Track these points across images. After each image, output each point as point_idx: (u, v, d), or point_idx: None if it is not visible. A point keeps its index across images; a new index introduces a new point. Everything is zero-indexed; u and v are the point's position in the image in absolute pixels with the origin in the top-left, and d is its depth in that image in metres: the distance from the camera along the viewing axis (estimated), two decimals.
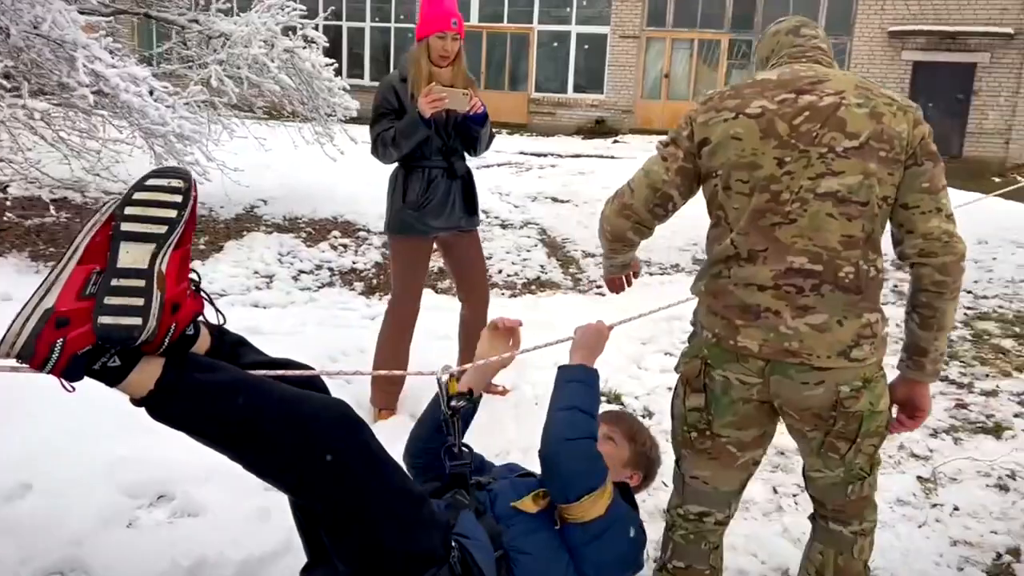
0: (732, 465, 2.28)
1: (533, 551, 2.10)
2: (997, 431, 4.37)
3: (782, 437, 2.50)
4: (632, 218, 2.29)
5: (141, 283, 1.62)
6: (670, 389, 4.60)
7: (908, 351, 2.18)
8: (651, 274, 7.55)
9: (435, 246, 4.18)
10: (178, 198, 1.69)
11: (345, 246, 7.85)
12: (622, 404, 4.48)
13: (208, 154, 7.33)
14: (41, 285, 1.62)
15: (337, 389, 2.56)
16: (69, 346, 1.58)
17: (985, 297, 7.15)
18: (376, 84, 4.06)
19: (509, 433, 3.91)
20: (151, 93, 6.04)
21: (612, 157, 17.25)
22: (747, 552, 3.15)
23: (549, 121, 21.85)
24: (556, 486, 2.15)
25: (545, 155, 16.44)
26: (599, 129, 21.36)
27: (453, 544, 1.96)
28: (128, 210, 1.67)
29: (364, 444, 1.84)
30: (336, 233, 8.17)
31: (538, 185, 12.37)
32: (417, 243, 4.01)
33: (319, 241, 7.94)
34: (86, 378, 1.67)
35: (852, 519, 2.28)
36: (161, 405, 1.69)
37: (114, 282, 1.62)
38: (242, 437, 1.74)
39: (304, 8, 8.54)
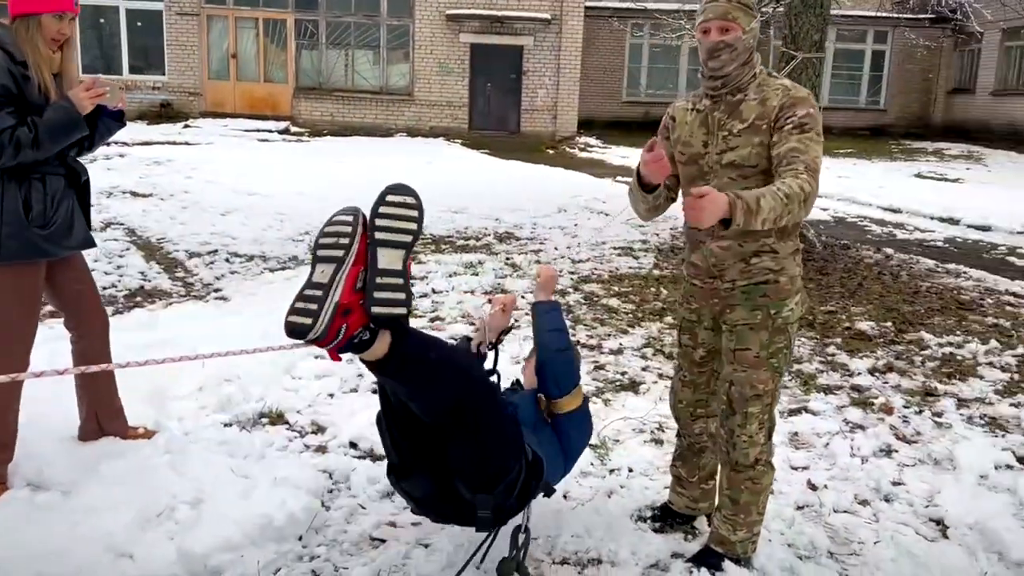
0: None
1: (545, 441, 2.80)
2: (634, 387, 4.75)
3: None
4: None
5: (400, 281, 2.19)
6: (333, 396, 4.39)
7: None
8: (271, 271, 7.03)
9: None
10: (414, 212, 2.25)
11: None
12: (286, 423, 4.05)
13: None
14: (329, 284, 2.12)
15: None
16: (350, 329, 2.14)
17: (581, 261, 7.81)
18: None
19: None
20: None
21: (187, 143, 16.03)
22: None
23: None
24: (551, 383, 2.88)
25: (108, 144, 14.66)
26: (166, 113, 19.68)
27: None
28: (379, 222, 2.21)
29: (487, 376, 2.69)
30: None
31: (109, 178, 10.99)
32: (35, 271, 3.20)
33: None
34: None
35: None
36: (390, 364, 2.26)
37: (379, 280, 2.16)
38: (433, 380, 2.31)
39: None
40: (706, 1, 2.73)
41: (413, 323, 5.54)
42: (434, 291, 6.44)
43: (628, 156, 18.27)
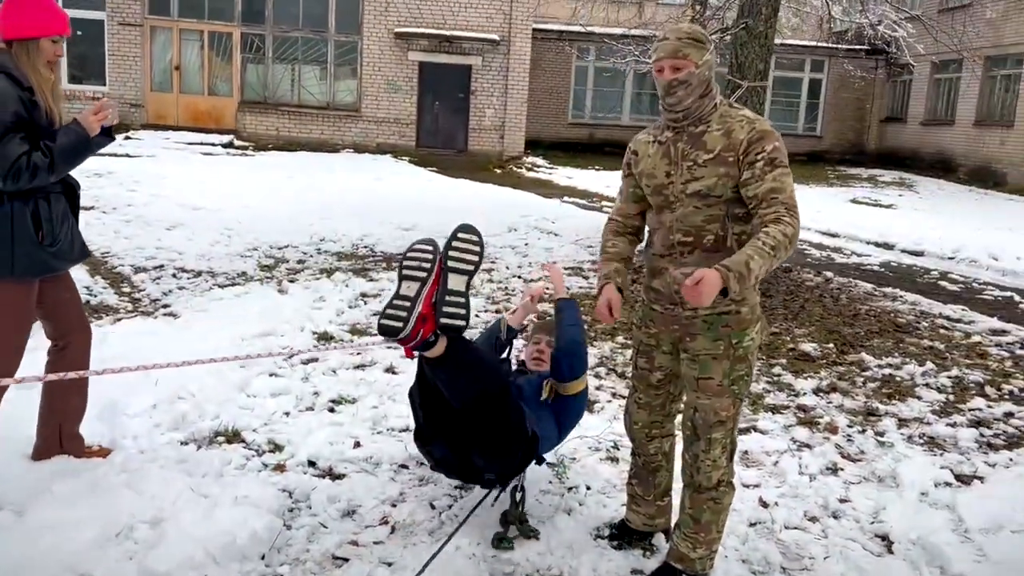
0: None
1: (543, 419, 3.31)
2: (589, 406, 4.80)
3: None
4: None
5: (463, 300, 2.84)
6: (288, 415, 4.37)
7: None
8: (220, 287, 6.94)
9: None
10: (478, 248, 2.93)
11: None
12: (243, 441, 4.01)
13: None
14: (415, 298, 2.77)
15: None
16: (424, 333, 2.77)
17: (532, 280, 7.88)
18: None
19: None
20: None
21: (128, 155, 15.72)
22: None
23: None
24: (568, 367, 3.38)
25: None
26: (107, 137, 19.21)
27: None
28: (451, 254, 2.88)
29: (505, 374, 3.37)
30: None
31: None
32: (34, 287, 3.27)
33: None
34: None
35: None
36: (445, 361, 2.86)
37: (448, 298, 2.81)
38: (470, 373, 2.93)
39: None
40: (658, 39, 2.80)
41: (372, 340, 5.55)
42: None
43: (573, 177, 18.51)
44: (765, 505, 3.73)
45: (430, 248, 2.88)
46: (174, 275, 7.29)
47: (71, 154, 3.13)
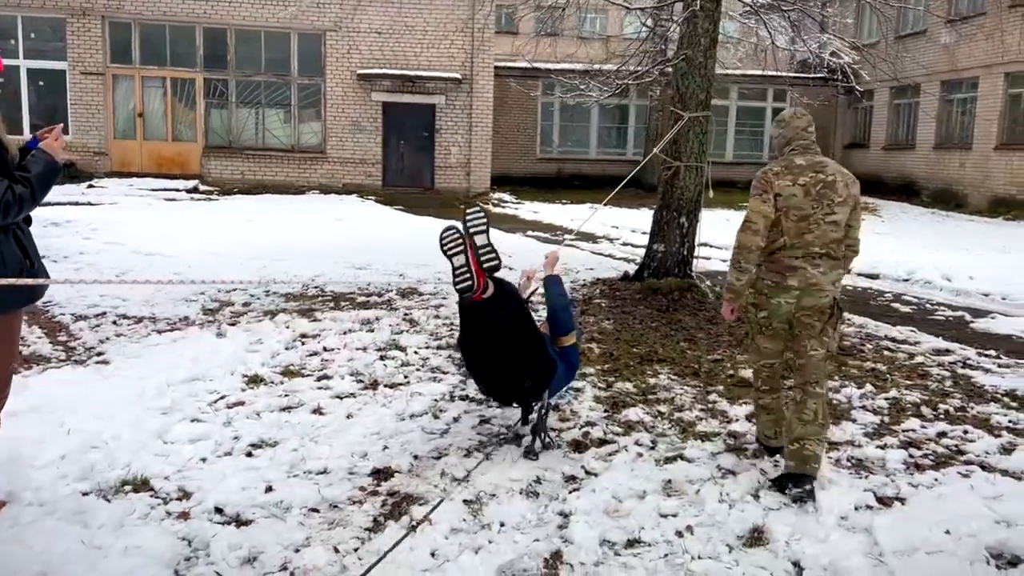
0: (779, 340, 4.52)
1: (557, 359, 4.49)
2: (517, 440, 4.76)
3: None
4: (759, 235, 4.13)
5: (490, 248, 4.23)
6: (205, 460, 4.29)
7: None
8: (159, 332, 6.86)
9: None
10: (483, 215, 4.32)
11: None
12: (151, 489, 3.92)
13: None
14: (467, 263, 4.04)
15: None
16: (483, 282, 4.08)
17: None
18: None
19: None
20: None
21: (90, 204, 15.67)
22: None
23: None
24: (561, 323, 4.64)
25: None
26: (68, 173, 19.13)
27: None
28: (469, 224, 4.25)
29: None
30: None
31: None
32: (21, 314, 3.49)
33: None
34: None
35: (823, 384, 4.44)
36: (496, 296, 4.13)
37: (481, 251, 4.19)
38: (508, 298, 4.21)
39: None
40: None
41: (303, 382, 5.49)
42: (325, 349, 6.37)
43: (539, 211, 18.60)
44: (680, 535, 3.68)
45: (455, 229, 4.15)
46: (115, 322, 7.19)
47: (46, 180, 3.30)
